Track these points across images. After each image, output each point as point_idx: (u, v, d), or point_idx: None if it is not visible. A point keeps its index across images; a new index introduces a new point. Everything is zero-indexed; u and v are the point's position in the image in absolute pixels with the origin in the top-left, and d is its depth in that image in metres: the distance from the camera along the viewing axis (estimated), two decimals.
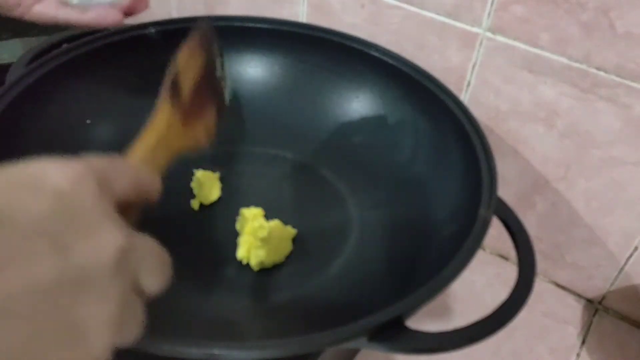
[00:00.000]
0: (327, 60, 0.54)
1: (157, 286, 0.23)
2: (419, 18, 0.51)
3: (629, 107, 0.44)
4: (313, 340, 0.29)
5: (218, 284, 0.42)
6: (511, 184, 0.54)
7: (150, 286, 0.22)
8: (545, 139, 0.50)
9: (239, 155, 0.53)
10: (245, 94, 0.55)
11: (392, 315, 0.30)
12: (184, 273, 0.42)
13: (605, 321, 0.54)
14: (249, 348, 0.28)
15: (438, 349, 0.31)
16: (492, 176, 0.40)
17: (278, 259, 0.44)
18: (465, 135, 0.44)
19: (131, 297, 0.21)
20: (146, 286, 0.22)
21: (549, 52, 0.46)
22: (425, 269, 0.35)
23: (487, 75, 0.50)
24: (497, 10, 0.47)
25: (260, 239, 0.42)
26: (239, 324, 0.39)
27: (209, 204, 0.48)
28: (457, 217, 0.41)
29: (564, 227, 0.53)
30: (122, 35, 0.50)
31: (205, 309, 0.40)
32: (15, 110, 0.42)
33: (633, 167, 0.47)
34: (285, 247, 0.45)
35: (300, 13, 0.59)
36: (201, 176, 0.49)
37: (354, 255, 0.45)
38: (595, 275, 0.54)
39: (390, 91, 0.52)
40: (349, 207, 0.49)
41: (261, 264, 0.43)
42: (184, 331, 0.37)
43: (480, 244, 0.35)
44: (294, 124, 0.54)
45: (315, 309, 0.40)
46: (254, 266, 0.43)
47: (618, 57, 0.43)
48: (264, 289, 0.42)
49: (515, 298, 0.34)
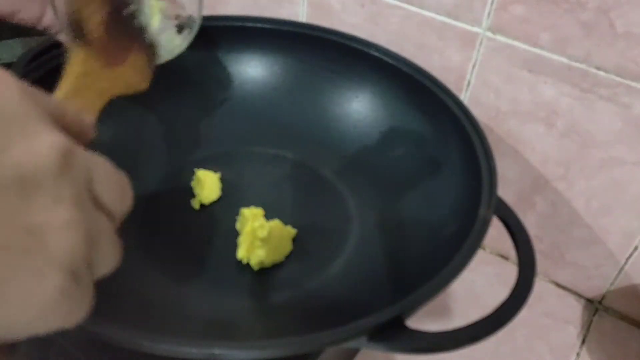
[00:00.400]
0: (327, 60, 0.54)
1: (116, 201, 0.22)
2: (419, 18, 0.51)
3: (629, 107, 0.44)
4: (313, 340, 0.29)
5: (218, 283, 0.42)
6: (511, 183, 0.54)
7: (109, 200, 0.21)
8: (545, 139, 0.50)
9: (239, 155, 0.53)
10: (246, 94, 0.55)
11: (392, 315, 0.30)
12: (184, 272, 0.43)
13: (605, 321, 0.54)
14: (248, 348, 0.28)
15: (438, 349, 0.31)
16: (492, 176, 0.40)
17: (278, 258, 0.44)
18: (465, 135, 0.44)
19: (87, 204, 0.20)
20: (105, 200, 0.21)
21: (549, 52, 0.46)
22: (425, 269, 0.35)
23: (487, 75, 0.50)
24: (497, 10, 0.47)
25: (260, 239, 0.42)
26: (239, 323, 0.39)
27: (209, 203, 0.48)
28: (457, 216, 0.41)
29: (564, 226, 0.53)
30: None
31: (205, 308, 0.40)
32: None
33: (633, 167, 0.47)
34: (285, 247, 0.45)
35: (300, 13, 0.59)
36: (202, 176, 0.49)
37: (354, 255, 0.45)
38: (595, 274, 0.54)
39: (390, 91, 0.52)
40: (349, 207, 0.49)
41: (261, 263, 0.43)
42: (184, 331, 0.37)
43: (480, 244, 0.35)
44: (294, 124, 0.54)
45: (315, 309, 0.40)
46: (253, 266, 0.43)
47: (618, 57, 0.43)
48: (264, 289, 0.42)
49: (515, 298, 0.34)
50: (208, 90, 0.55)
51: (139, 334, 0.28)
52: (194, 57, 0.54)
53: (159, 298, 0.40)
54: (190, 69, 0.54)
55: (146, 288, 0.40)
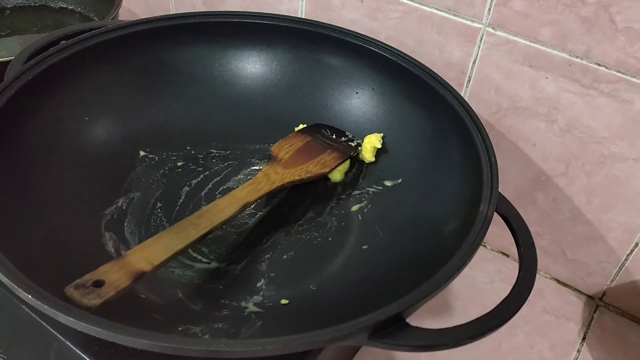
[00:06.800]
0: (326, 56, 0.54)
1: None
2: (419, 13, 0.51)
3: (630, 103, 0.44)
4: (314, 337, 0.29)
5: (218, 282, 0.42)
6: (512, 180, 0.54)
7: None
8: (546, 135, 0.50)
9: (238, 151, 0.53)
10: (244, 90, 0.55)
11: (393, 312, 0.30)
12: (183, 270, 0.43)
13: (606, 317, 0.54)
14: (249, 345, 0.28)
15: (439, 346, 0.31)
16: (492, 172, 0.40)
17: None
18: (466, 131, 0.43)
19: None
20: None
21: (550, 48, 0.46)
22: (427, 266, 0.35)
23: (488, 70, 0.50)
24: (498, 5, 0.46)
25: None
26: (239, 322, 0.39)
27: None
28: (458, 213, 0.41)
29: (565, 223, 0.53)
30: (120, 32, 0.50)
31: (205, 306, 0.40)
32: (14, 107, 0.42)
33: (634, 163, 0.46)
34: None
35: (300, 8, 0.59)
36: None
37: (354, 252, 0.45)
38: (596, 271, 0.54)
39: (391, 87, 0.52)
40: (349, 205, 0.49)
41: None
42: (184, 330, 0.37)
43: (482, 241, 0.35)
44: (293, 120, 0.54)
45: (315, 307, 0.40)
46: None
47: (618, 53, 0.43)
48: (264, 288, 0.42)
49: (516, 294, 0.34)
50: (207, 86, 0.54)
51: (139, 332, 0.28)
52: (193, 53, 0.54)
53: (159, 296, 0.40)
54: (189, 65, 0.54)
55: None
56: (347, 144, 0.52)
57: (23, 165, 0.42)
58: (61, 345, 0.37)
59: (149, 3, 0.75)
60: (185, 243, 0.38)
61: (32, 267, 0.31)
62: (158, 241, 0.37)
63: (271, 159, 0.49)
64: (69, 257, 0.39)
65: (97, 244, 0.42)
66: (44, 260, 0.36)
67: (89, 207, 0.45)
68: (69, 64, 0.47)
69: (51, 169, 0.44)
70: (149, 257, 0.36)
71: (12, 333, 0.44)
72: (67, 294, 0.32)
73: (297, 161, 0.49)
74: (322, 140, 0.52)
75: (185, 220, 0.40)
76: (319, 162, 0.50)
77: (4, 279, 0.30)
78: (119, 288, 0.33)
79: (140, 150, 0.51)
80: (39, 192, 0.42)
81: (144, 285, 0.40)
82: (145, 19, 0.52)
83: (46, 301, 0.29)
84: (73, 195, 0.44)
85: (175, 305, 0.40)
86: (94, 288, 0.32)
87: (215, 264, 0.43)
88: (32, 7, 0.75)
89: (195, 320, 0.38)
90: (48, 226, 0.40)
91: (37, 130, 0.44)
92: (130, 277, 0.34)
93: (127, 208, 0.46)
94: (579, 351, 0.51)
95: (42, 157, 0.44)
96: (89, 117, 0.48)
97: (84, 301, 0.31)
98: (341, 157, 0.51)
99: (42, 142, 0.44)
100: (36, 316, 0.38)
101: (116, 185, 0.48)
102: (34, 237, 0.38)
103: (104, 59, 0.49)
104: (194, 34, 0.53)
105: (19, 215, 0.38)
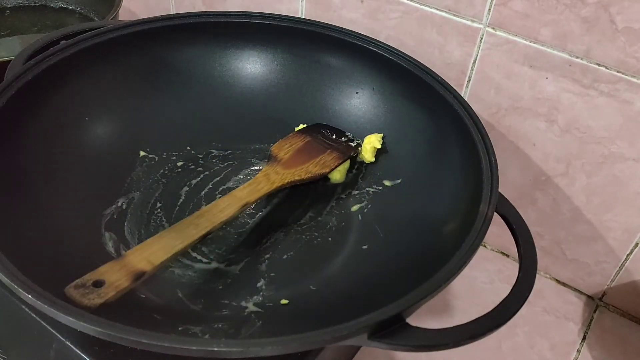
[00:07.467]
0: (326, 56, 0.54)
1: None
2: (419, 13, 0.51)
3: (630, 103, 0.44)
4: (314, 337, 0.29)
5: (218, 282, 0.42)
6: (512, 180, 0.54)
7: None
8: (546, 135, 0.50)
9: (238, 151, 0.53)
10: (244, 90, 0.55)
11: (392, 312, 0.30)
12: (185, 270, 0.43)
13: (605, 317, 0.54)
14: (249, 345, 0.28)
15: (439, 346, 0.31)
16: (492, 172, 0.40)
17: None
18: (466, 131, 0.43)
19: None
20: None
21: (550, 48, 0.46)
22: (427, 266, 0.35)
23: (488, 70, 0.50)
24: (498, 5, 0.46)
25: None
26: (239, 322, 0.39)
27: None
28: (458, 213, 0.41)
29: (565, 223, 0.53)
30: (120, 32, 0.50)
31: (205, 306, 0.40)
32: (14, 107, 0.42)
33: (634, 163, 0.46)
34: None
35: (300, 8, 0.59)
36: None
37: (354, 252, 0.45)
38: (596, 271, 0.54)
39: (390, 87, 0.52)
40: (349, 205, 0.49)
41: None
42: (184, 330, 0.37)
43: (482, 241, 0.35)
44: (293, 120, 0.54)
45: (315, 307, 0.40)
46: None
47: (618, 53, 0.43)
48: (264, 288, 0.42)
49: (516, 295, 0.34)
50: (207, 86, 0.54)
51: (139, 332, 0.28)
52: (193, 53, 0.54)
53: (159, 297, 0.40)
54: (189, 65, 0.54)
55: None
56: (347, 144, 0.52)
57: (23, 165, 0.42)
58: (61, 345, 0.37)
59: (149, 3, 0.75)
60: (185, 243, 0.38)
61: (32, 267, 0.31)
62: (158, 241, 0.37)
63: (271, 159, 0.49)
64: (69, 257, 0.39)
65: (97, 244, 0.42)
66: (44, 261, 0.36)
67: (89, 207, 0.45)
68: (69, 64, 0.47)
69: (51, 169, 0.44)
70: (149, 257, 0.36)
71: (12, 333, 0.44)
72: (67, 293, 0.32)
73: (297, 161, 0.49)
74: (322, 141, 0.52)
75: (185, 220, 0.40)
76: (319, 162, 0.50)
77: (4, 279, 0.30)
78: (119, 288, 0.33)
79: (140, 150, 0.51)
80: (39, 192, 0.42)
81: (144, 285, 0.39)
82: (145, 19, 0.52)
83: (46, 301, 0.29)
84: (73, 195, 0.44)
85: (175, 305, 0.40)
86: (94, 288, 0.32)
87: (215, 264, 0.44)
88: (32, 7, 0.75)
89: (195, 320, 0.38)
90: (48, 226, 0.40)
91: (37, 130, 0.44)
92: (130, 277, 0.34)
93: (127, 208, 0.46)
94: (579, 351, 0.51)
95: (42, 157, 0.44)
96: (89, 117, 0.48)
97: (84, 301, 0.31)
98: (341, 157, 0.51)
99: (42, 142, 0.44)
100: (36, 316, 0.38)
101: (116, 185, 0.48)
102: (34, 237, 0.38)
103: (104, 59, 0.49)
104: (194, 34, 0.53)
105: (19, 215, 0.38)
